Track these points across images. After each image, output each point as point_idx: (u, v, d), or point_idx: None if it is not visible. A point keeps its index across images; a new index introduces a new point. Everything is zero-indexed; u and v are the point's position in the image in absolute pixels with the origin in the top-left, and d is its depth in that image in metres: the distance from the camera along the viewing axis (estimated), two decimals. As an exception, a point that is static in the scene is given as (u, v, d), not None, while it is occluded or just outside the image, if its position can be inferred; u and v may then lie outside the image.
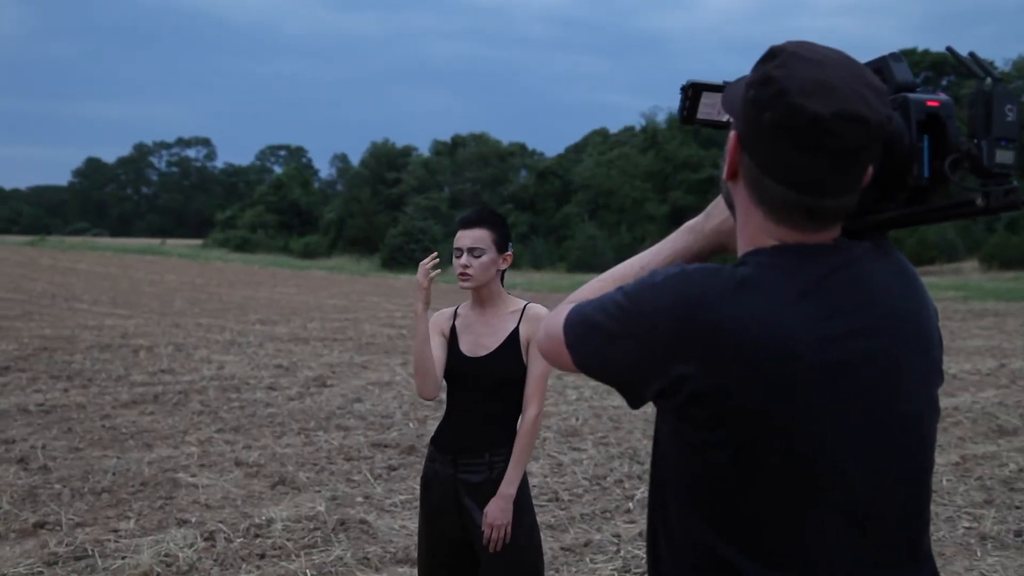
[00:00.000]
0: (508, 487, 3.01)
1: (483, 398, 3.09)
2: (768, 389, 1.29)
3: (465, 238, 3.12)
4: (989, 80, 1.33)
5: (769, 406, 1.29)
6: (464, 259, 3.10)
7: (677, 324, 1.31)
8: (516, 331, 3.12)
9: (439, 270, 3.11)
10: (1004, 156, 1.30)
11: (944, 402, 9.70)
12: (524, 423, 3.07)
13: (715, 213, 1.57)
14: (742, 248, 1.41)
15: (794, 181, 1.30)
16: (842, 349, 1.31)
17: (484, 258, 3.10)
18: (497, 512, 2.99)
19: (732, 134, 1.39)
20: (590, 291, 1.57)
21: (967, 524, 5.93)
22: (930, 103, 1.34)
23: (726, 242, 1.55)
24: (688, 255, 1.58)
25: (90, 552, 5.10)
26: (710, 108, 1.63)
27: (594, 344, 1.42)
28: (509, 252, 3.18)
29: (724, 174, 1.42)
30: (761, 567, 1.32)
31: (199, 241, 67.27)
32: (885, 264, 1.40)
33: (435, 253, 3.15)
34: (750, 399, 1.29)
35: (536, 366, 3.09)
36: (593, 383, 10.96)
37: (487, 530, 2.99)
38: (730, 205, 1.46)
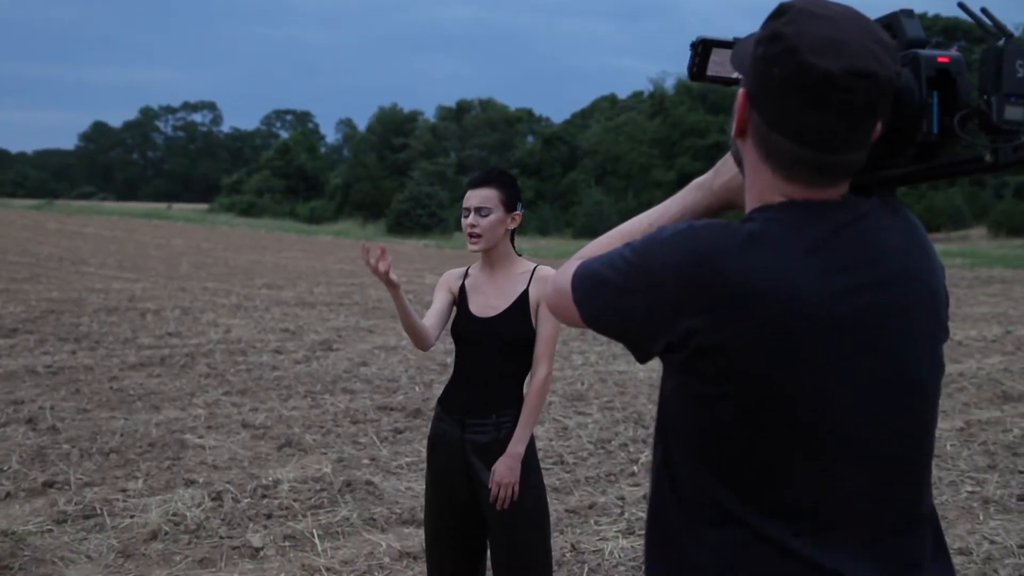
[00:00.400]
0: (516, 446, 3.03)
1: (491, 359, 3.09)
2: (774, 344, 1.29)
3: (472, 198, 3.11)
4: (1002, 39, 1.32)
5: (775, 360, 1.30)
6: (471, 218, 3.09)
7: (684, 279, 1.32)
8: (526, 292, 3.12)
9: (384, 256, 2.95)
10: (1014, 112, 1.29)
11: (949, 368, 9.71)
12: (534, 383, 3.08)
13: (724, 170, 1.56)
14: (750, 205, 1.42)
15: (803, 137, 1.30)
16: (849, 305, 1.31)
17: (491, 217, 3.09)
18: (505, 470, 3.01)
19: (741, 91, 1.38)
20: (598, 247, 1.57)
21: (970, 488, 5.95)
22: (940, 59, 1.33)
23: (735, 199, 1.55)
24: (697, 212, 1.58)
25: (99, 511, 5.15)
26: (719, 65, 1.63)
27: (602, 299, 1.43)
28: (518, 212, 3.16)
29: (733, 131, 1.42)
30: (767, 519, 1.33)
31: (205, 206, 67.23)
32: (893, 220, 1.40)
33: (365, 245, 3.01)
34: (756, 353, 1.30)
35: (546, 327, 3.08)
36: (599, 348, 10.98)
37: (494, 488, 3.01)
38: (738, 162, 1.46)
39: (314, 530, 5.00)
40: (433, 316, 3.20)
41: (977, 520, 5.41)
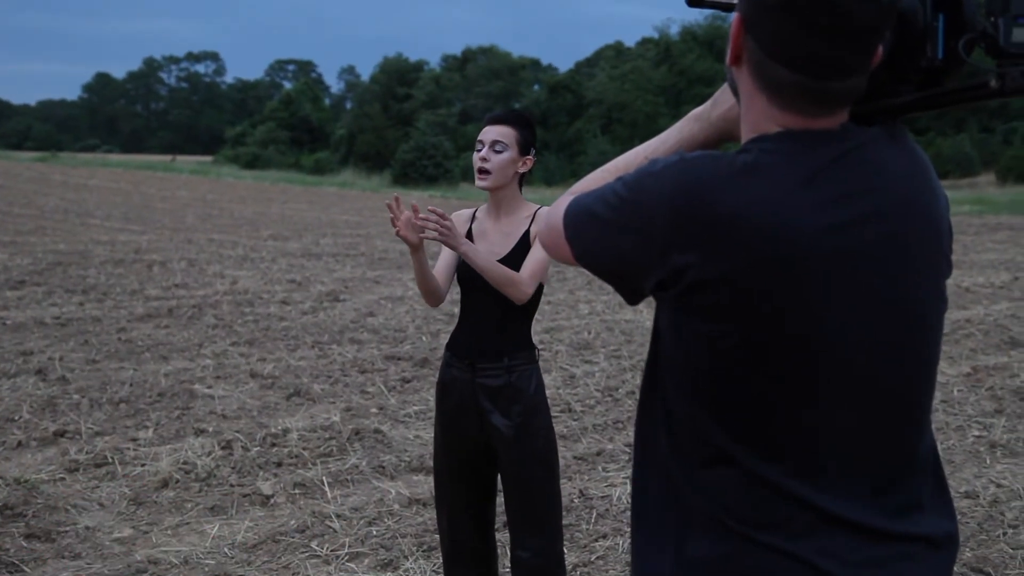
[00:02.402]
0: (471, 251, 2.93)
1: (497, 303, 3.06)
2: (769, 278, 1.26)
3: (489, 132, 3.06)
4: None
5: (770, 295, 1.27)
6: (484, 152, 3.05)
7: (676, 213, 1.29)
8: (527, 233, 3.10)
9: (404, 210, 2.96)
10: (1022, 35, 1.23)
11: (956, 314, 9.70)
12: (515, 274, 2.98)
13: (721, 100, 1.52)
14: (746, 135, 1.37)
15: (799, 63, 1.26)
16: (847, 236, 1.28)
17: (505, 154, 3.04)
18: (455, 234, 2.89)
19: (736, 16, 1.33)
20: (592, 182, 1.54)
21: (977, 433, 5.98)
22: None
23: (733, 130, 1.50)
24: (694, 144, 1.54)
25: (110, 459, 5.19)
26: None
27: (593, 235, 1.40)
28: (531, 156, 3.12)
29: (728, 58, 1.37)
30: (761, 459, 1.31)
31: (209, 158, 66.96)
32: (896, 150, 1.36)
33: (394, 199, 3.00)
34: (751, 288, 1.26)
35: (538, 249, 3.01)
36: (605, 297, 10.98)
37: (439, 218, 2.86)
38: (734, 91, 1.42)
39: (323, 478, 5.04)
40: (442, 270, 3.17)
41: (984, 464, 5.43)
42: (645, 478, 1.45)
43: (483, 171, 3.05)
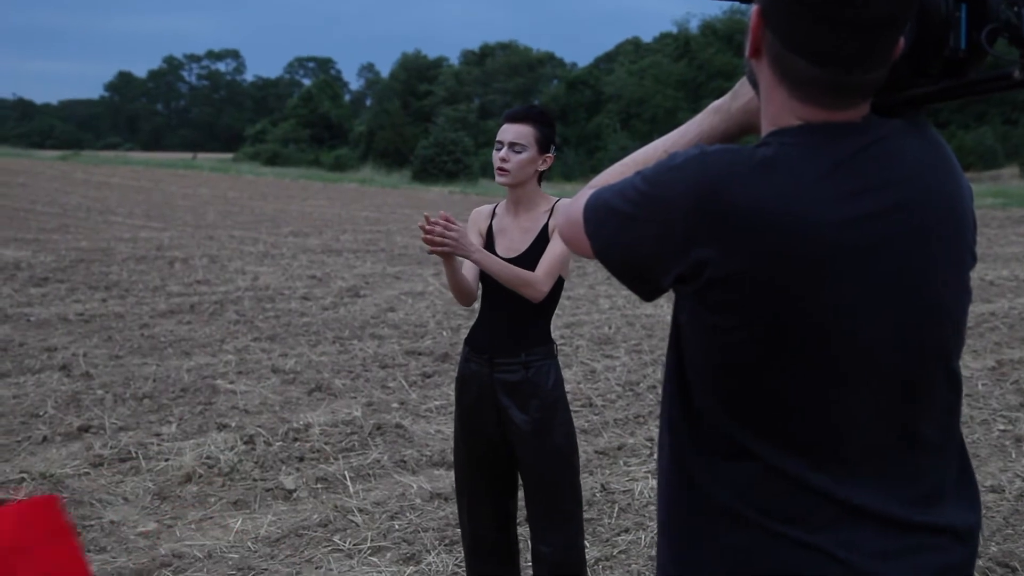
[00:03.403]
0: (478, 253, 2.93)
1: (515, 298, 3.07)
2: (789, 272, 1.25)
3: (508, 132, 3.06)
4: None
5: (790, 290, 1.26)
6: (504, 152, 3.05)
7: (696, 207, 1.28)
8: (546, 227, 3.09)
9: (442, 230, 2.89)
10: None
11: (981, 308, 9.62)
12: (529, 273, 2.98)
13: (742, 92, 1.51)
14: (765, 128, 1.36)
15: (818, 55, 1.25)
16: (870, 229, 1.26)
17: (524, 155, 3.04)
18: (462, 239, 2.89)
19: (755, 8, 1.32)
20: (612, 175, 1.53)
21: (1002, 427, 5.93)
22: None
23: (753, 121, 1.49)
24: (714, 136, 1.53)
25: (134, 454, 5.22)
26: None
27: (613, 229, 1.39)
28: (551, 154, 3.12)
29: (747, 51, 1.36)
30: (782, 452, 1.30)
31: (230, 155, 67.24)
32: (919, 142, 1.34)
33: (426, 218, 2.91)
34: (770, 282, 1.25)
35: (557, 244, 3.02)
36: (626, 292, 10.95)
37: (444, 225, 2.86)
38: (754, 84, 1.41)
39: (346, 472, 5.05)
40: (471, 269, 3.18)
41: (1009, 458, 5.39)
42: (670, 472, 1.45)
43: (502, 170, 3.06)
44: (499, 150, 3.07)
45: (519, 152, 3.04)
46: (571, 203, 1.50)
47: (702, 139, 1.53)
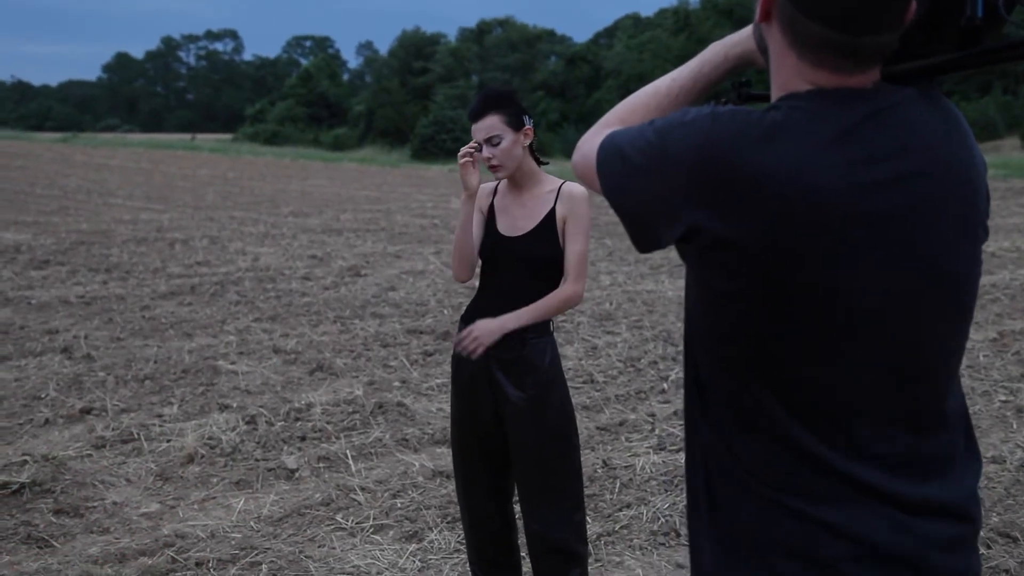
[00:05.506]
0: (510, 321, 2.99)
1: (516, 278, 3.06)
2: (795, 239, 1.24)
3: (479, 131, 3.03)
4: None
5: (795, 256, 1.25)
6: (485, 151, 3.03)
7: (699, 167, 1.27)
8: (552, 212, 3.07)
9: (475, 150, 3.04)
10: None
11: (982, 279, 9.56)
12: (559, 292, 3.03)
13: (740, 42, 1.54)
14: (776, 93, 1.35)
15: (830, 18, 1.23)
16: (878, 197, 1.25)
17: (503, 144, 3.02)
18: (484, 329, 2.98)
19: None
20: (627, 108, 1.57)
21: (1003, 397, 5.93)
22: None
23: (743, 69, 1.53)
24: (715, 70, 1.57)
25: (136, 436, 5.23)
26: None
27: (621, 174, 1.40)
28: (528, 126, 3.08)
29: (757, 15, 1.35)
30: (792, 422, 1.30)
31: (229, 135, 67.11)
32: (931, 110, 1.33)
33: (472, 144, 3.06)
34: (771, 248, 1.25)
35: (576, 243, 3.03)
36: (627, 268, 10.95)
37: (466, 334, 2.99)
38: (763, 50, 1.40)
39: (347, 451, 5.06)
40: (476, 238, 3.15)
41: (1011, 428, 5.39)
42: (691, 445, 1.46)
43: (493, 166, 3.05)
44: (480, 150, 3.05)
45: (497, 144, 3.02)
46: (588, 138, 1.52)
47: (703, 70, 1.57)
